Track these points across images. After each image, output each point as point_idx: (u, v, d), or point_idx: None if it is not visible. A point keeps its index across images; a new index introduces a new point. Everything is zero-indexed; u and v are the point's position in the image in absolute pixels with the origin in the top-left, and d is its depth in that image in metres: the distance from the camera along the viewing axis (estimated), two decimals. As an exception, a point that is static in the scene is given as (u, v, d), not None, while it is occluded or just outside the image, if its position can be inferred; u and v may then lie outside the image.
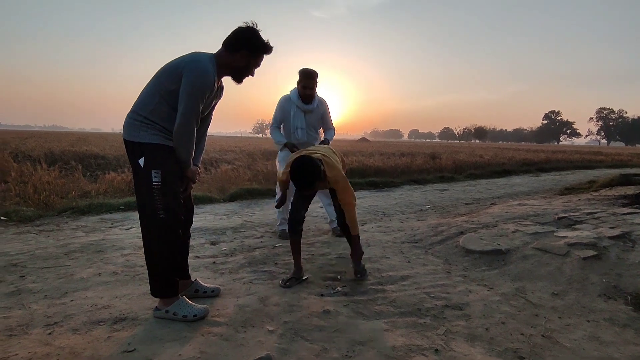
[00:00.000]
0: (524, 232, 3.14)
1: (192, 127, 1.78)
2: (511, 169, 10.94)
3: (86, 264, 2.68)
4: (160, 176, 1.76)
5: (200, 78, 1.73)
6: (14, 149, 9.83)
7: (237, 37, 1.84)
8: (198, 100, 1.75)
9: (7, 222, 3.85)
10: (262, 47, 1.88)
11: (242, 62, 1.87)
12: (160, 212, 1.77)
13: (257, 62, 1.91)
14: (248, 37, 1.84)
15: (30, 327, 1.77)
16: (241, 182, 6.75)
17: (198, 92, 1.74)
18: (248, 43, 1.84)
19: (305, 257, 3.01)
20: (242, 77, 1.94)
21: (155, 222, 1.78)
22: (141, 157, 1.75)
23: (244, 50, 1.84)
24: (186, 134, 1.78)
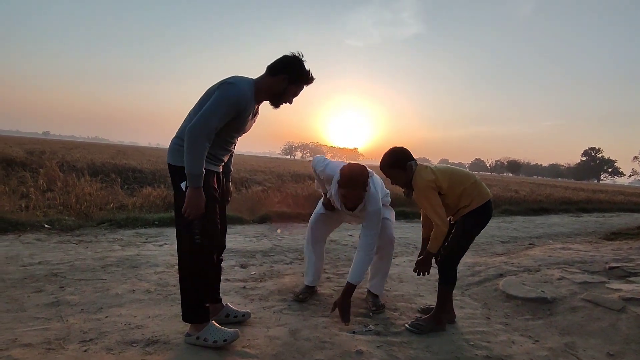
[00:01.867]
0: (571, 280, 2.92)
1: (205, 131, 1.68)
2: (549, 207, 10.42)
3: (121, 279, 2.73)
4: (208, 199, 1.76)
5: (231, 92, 1.72)
6: (60, 159, 10.44)
7: (280, 62, 1.86)
8: (221, 109, 1.70)
9: (50, 231, 4.03)
10: (302, 75, 1.87)
11: (281, 87, 1.86)
12: (197, 237, 1.77)
13: (296, 90, 1.90)
14: (290, 63, 1.86)
15: (67, 342, 1.79)
16: (271, 204, 6.79)
17: (224, 103, 1.70)
18: (289, 69, 1.85)
19: (335, 289, 2.93)
20: (279, 102, 1.92)
21: (191, 246, 1.79)
22: (183, 181, 1.77)
23: (284, 75, 1.84)
24: (194, 138, 1.66)
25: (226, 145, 1.92)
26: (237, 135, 1.95)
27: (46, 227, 4.11)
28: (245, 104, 1.77)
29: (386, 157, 2.23)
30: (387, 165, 2.22)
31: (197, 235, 1.77)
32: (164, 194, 6.40)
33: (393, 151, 2.24)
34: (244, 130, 1.94)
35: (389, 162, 2.21)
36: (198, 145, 1.67)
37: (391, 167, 2.22)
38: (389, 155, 2.22)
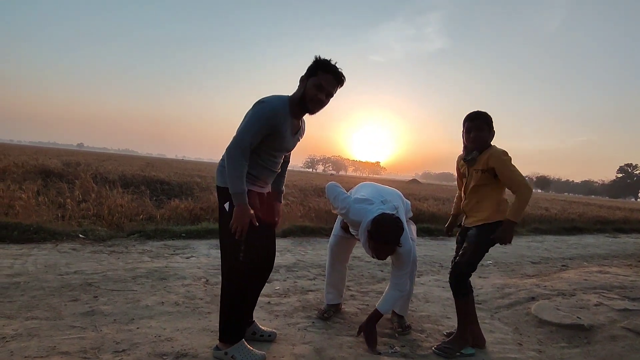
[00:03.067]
0: (609, 306, 2.77)
1: (239, 149, 1.71)
2: (583, 226, 9.95)
3: (151, 291, 2.81)
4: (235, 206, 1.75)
5: (262, 109, 1.75)
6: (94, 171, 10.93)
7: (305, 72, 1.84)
8: (254, 127, 1.72)
9: (85, 240, 4.21)
10: (318, 66, 1.79)
11: (301, 89, 1.83)
12: (241, 256, 1.79)
13: (316, 82, 1.78)
14: (310, 66, 1.82)
15: (101, 352, 1.85)
16: (294, 218, 6.83)
17: (256, 120, 1.73)
18: (310, 69, 1.81)
19: (359, 308, 2.90)
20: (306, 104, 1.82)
21: (235, 266, 1.81)
22: (227, 202, 1.79)
23: (302, 76, 1.84)
24: (230, 157, 1.72)
25: (269, 166, 1.91)
26: (279, 153, 1.94)
27: (81, 237, 4.29)
28: (278, 119, 1.77)
29: (486, 113, 2.18)
30: (486, 119, 2.15)
31: (240, 254, 1.79)
32: (191, 206, 6.57)
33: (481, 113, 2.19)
34: (285, 148, 1.93)
35: (489, 118, 2.16)
36: (234, 163, 1.71)
37: (487, 123, 2.15)
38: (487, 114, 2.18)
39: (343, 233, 2.62)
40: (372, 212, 2.16)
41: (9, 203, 5.11)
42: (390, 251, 2.13)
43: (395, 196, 2.47)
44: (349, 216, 2.30)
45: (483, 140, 2.16)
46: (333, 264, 2.69)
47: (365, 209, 2.21)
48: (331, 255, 2.69)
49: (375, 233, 2.06)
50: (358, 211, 2.23)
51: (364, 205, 2.24)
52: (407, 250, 2.20)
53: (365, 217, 2.17)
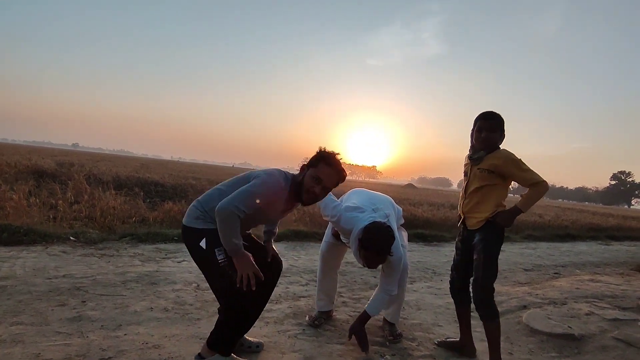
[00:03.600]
0: (600, 316, 2.78)
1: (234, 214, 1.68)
2: (576, 233, 10.00)
3: (140, 296, 2.78)
4: (224, 252, 1.73)
5: (270, 184, 1.78)
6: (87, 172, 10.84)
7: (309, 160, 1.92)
8: (253, 197, 1.72)
9: (75, 243, 4.16)
10: (319, 159, 1.86)
11: (300, 175, 1.90)
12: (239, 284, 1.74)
13: (313, 172, 1.84)
14: (314, 156, 1.90)
15: (86, 359, 1.82)
16: (288, 222, 6.81)
17: (260, 193, 1.73)
18: (313, 159, 1.89)
19: (351, 315, 2.88)
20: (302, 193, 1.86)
21: (236, 296, 1.75)
22: (202, 239, 1.77)
23: (306, 166, 1.90)
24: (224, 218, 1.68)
25: (247, 227, 1.95)
26: (262, 221, 2.03)
27: (72, 239, 4.24)
28: (278, 196, 1.83)
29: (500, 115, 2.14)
30: (500, 122, 2.12)
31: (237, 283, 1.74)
32: (184, 209, 6.52)
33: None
34: (271, 220, 2.06)
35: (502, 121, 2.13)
36: (230, 226, 1.69)
37: (500, 126, 2.12)
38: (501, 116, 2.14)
39: (334, 240, 2.61)
40: (364, 220, 2.15)
41: (0, 204, 5.05)
42: (382, 260, 2.12)
43: (387, 203, 2.46)
44: (340, 224, 2.28)
45: (493, 141, 2.11)
46: (324, 270, 2.68)
47: (356, 217, 2.20)
48: (322, 261, 2.68)
49: (367, 242, 2.04)
50: (349, 219, 2.21)
51: (355, 214, 2.22)
52: (398, 259, 2.19)
53: (357, 226, 2.15)
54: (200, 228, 1.78)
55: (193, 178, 13.76)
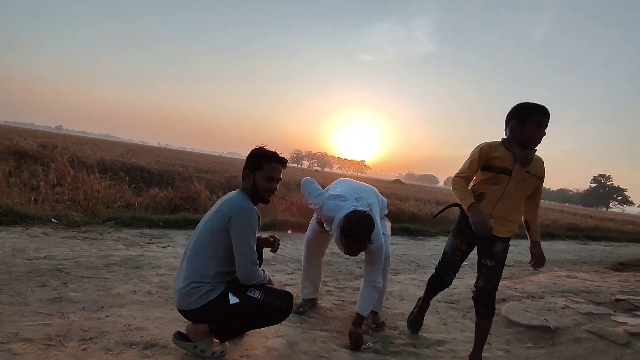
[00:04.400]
0: (575, 310, 2.88)
1: (254, 268, 1.80)
2: (556, 232, 10.27)
3: (123, 279, 2.75)
4: (256, 288, 1.81)
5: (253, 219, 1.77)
6: (71, 155, 10.59)
7: (247, 164, 1.89)
8: (252, 238, 1.77)
9: (57, 225, 4.08)
10: (258, 159, 1.86)
11: (250, 182, 1.87)
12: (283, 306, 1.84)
13: (262, 174, 1.85)
14: (247, 159, 1.89)
15: (67, 339, 1.80)
16: (275, 212, 6.80)
17: (252, 232, 1.77)
18: (247, 164, 1.88)
19: (335, 303, 2.92)
20: (259, 196, 1.88)
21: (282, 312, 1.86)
22: (228, 299, 1.75)
23: (246, 171, 1.88)
24: (251, 279, 1.79)
25: None
26: None
27: (53, 221, 4.16)
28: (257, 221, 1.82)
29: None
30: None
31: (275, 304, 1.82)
32: (170, 195, 6.45)
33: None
34: None
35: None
36: (255, 278, 1.81)
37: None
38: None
39: (319, 228, 2.63)
40: (345, 208, 2.18)
41: (-22, 183, 4.90)
42: (362, 248, 2.15)
43: (371, 193, 2.49)
44: (322, 212, 2.31)
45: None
46: (309, 257, 2.70)
47: (338, 205, 2.23)
48: (307, 249, 2.70)
49: (347, 229, 2.07)
50: (332, 207, 2.25)
51: (337, 202, 2.25)
52: (379, 247, 2.22)
53: (339, 214, 2.18)
54: (218, 295, 1.75)
55: (180, 165, 13.58)
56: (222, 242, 1.75)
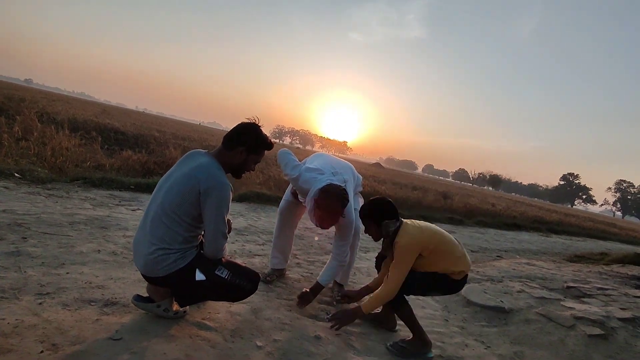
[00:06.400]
0: (529, 294, 3.04)
1: (222, 241, 1.77)
2: (522, 223, 10.73)
3: (88, 238, 2.68)
4: (223, 267, 1.77)
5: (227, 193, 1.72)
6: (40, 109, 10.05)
7: (236, 133, 1.82)
8: (225, 212, 1.73)
9: (20, 180, 3.90)
10: (260, 144, 1.83)
11: (239, 159, 1.81)
12: (247, 286, 1.83)
13: (256, 158, 1.86)
14: (246, 133, 1.81)
15: (22, 293, 1.75)
16: (252, 184, 6.75)
17: (225, 206, 1.72)
18: (245, 140, 1.80)
19: (303, 275, 2.96)
20: (240, 174, 1.87)
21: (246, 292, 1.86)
22: (194, 274, 1.70)
23: (241, 147, 1.79)
24: (219, 250, 1.77)
25: None
26: None
27: (16, 176, 3.97)
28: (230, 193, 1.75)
29: (365, 205, 2.12)
30: (366, 215, 2.11)
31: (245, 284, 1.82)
32: (144, 159, 6.27)
33: (373, 203, 2.12)
34: None
35: (366, 213, 2.11)
36: (223, 252, 1.80)
37: (364, 217, 2.13)
38: (366, 205, 2.12)
39: (293, 199, 2.63)
40: (321, 181, 2.19)
41: None
42: (334, 221, 2.17)
43: (347, 169, 2.50)
44: (298, 183, 2.31)
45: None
46: (281, 227, 2.71)
47: (315, 178, 2.23)
48: (280, 219, 2.70)
49: (321, 202, 2.08)
50: (308, 179, 2.25)
51: (314, 175, 2.25)
52: (350, 222, 2.25)
53: (314, 186, 2.18)
54: (185, 265, 1.69)
55: (157, 130, 13.18)
56: (190, 210, 1.69)
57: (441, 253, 2.03)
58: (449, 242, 2.08)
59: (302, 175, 2.27)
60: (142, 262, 1.70)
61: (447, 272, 2.04)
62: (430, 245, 2.00)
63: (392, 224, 2.06)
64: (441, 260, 2.03)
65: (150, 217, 1.72)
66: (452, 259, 2.04)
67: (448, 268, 2.04)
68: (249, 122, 1.83)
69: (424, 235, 2.01)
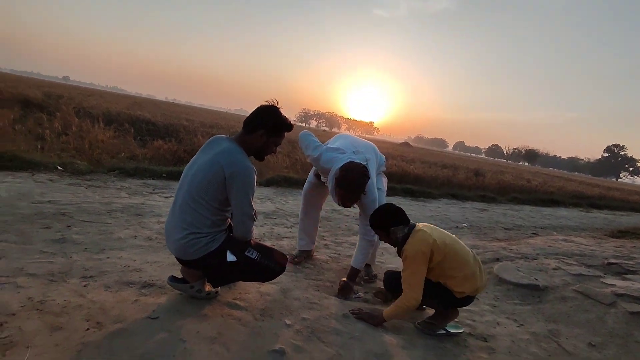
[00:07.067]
0: (566, 271, 2.92)
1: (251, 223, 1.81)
2: (560, 199, 10.25)
3: (124, 225, 2.83)
4: (254, 248, 1.83)
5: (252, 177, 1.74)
6: (77, 105, 10.54)
7: (255, 117, 1.82)
8: (251, 194, 1.76)
9: (62, 173, 4.14)
10: (280, 126, 1.84)
11: (259, 142, 1.82)
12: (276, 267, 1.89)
13: (276, 140, 1.86)
14: (265, 116, 1.81)
15: (68, 276, 1.89)
16: (279, 168, 6.83)
17: (251, 189, 1.75)
18: (264, 123, 1.81)
19: (331, 256, 2.99)
20: (262, 157, 1.89)
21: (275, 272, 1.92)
22: (226, 256, 1.77)
23: (261, 131, 1.80)
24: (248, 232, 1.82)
25: None
26: None
27: (59, 169, 4.22)
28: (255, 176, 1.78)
29: (373, 215, 2.05)
30: (372, 224, 2.05)
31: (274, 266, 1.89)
32: (175, 148, 6.48)
33: (376, 211, 2.05)
34: None
35: (372, 222, 2.04)
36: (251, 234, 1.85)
37: (372, 227, 2.06)
38: (373, 216, 2.04)
39: (316, 180, 2.65)
40: (342, 160, 2.19)
41: (-17, 129, 4.94)
42: (355, 198, 2.16)
43: (369, 148, 2.48)
44: (320, 164, 2.32)
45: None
46: (306, 209, 2.74)
47: (335, 157, 2.24)
48: (304, 201, 2.74)
49: (341, 179, 2.08)
50: (329, 159, 2.26)
51: (335, 154, 2.26)
52: (372, 200, 2.24)
53: (335, 165, 2.19)
54: (216, 248, 1.76)
55: (186, 119, 13.51)
56: (216, 195, 1.73)
57: (447, 269, 1.90)
58: (461, 258, 1.92)
59: (323, 155, 2.29)
60: (175, 246, 1.78)
61: (448, 288, 1.93)
62: (437, 257, 1.88)
63: (400, 230, 1.96)
64: (444, 275, 1.91)
65: (178, 203, 1.79)
66: (458, 278, 1.90)
67: (448, 284, 1.92)
68: (268, 105, 1.84)
69: (434, 245, 1.87)
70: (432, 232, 1.93)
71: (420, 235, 1.91)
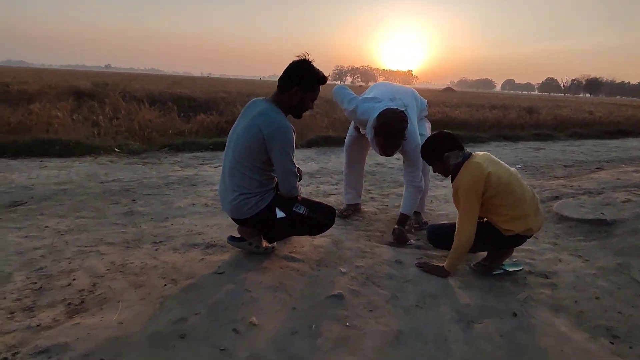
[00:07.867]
0: (638, 203, 2.70)
1: (294, 179, 1.85)
2: (628, 129, 9.27)
3: (182, 195, 3.03)
4: (300, 204, 1.90)
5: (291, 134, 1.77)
6: (122, 90, 11.08)
7: (288, 74, 1.79)
8: (292, 153, 1.80)
9: (120, 154, 4.47)
10: (315, 80, 1.81)
11: (296, 99, 1.81)
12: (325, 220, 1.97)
13: (313, 95, 1.85)
14: (299, 72, 1.78)
15: (141, 243, 2.09)
16: (318, 129, 6.81)
17: (291, 148, 1.78)
18: (299, 79, 1.78)
19: (379, 208, 3.01)
20: (300, 113, 1.89)
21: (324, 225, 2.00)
22: (275, 212, 1.84)
23: (296, 87, 1.78)
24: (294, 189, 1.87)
25: None
26: None
27: (116, 150, 4.55)
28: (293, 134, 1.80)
29: (426, 142, 1.95)
30: (424, 153, 1.95)
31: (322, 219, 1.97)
32: (217, 120, 6.67)
33: (427, 140, 1.94)
34: None
35: (424, 150, 1.94)
36: (296, 190, 1.89)
37: (425, 158, 1.97)
38: (425, 143, 1.94)
39: (356, 133, 2.62)
40: (379, 109, 2.13)
41: (48, 121, 5.39)
42: (396, 145, 2.12)
43: (408, 94, 2.37)
44: (357, 116, 2.29)
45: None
46: (349, 164, 2.74)
47: (372, 107, 2.18)
48: (347, 155, 2.74)
49: (379, 127, 2.04)
50: (365, 110, 2.22)
51: (371, 104, 2.21)
52: (415, 146, 2.18)
53: (372, 115, 2.14)
54: (266, 206, 1.83)
55: (223, 91, 13.72)
56: (259, 157, 1.79)
57: (497, 205, 1.78)
58: (515, 197, 1.77)
59: (359, 107, 2.25)
60: (229, 208, 1.89)
61: (496, 225, 1.83)
62: (490, 192, 1.75)
63: (453, 157, 1.83)
64: (492, 211, 1.81)
65: (227, 169, 1.88)
66: (507, 216, 1.77)
67: (494, 220, 1.82)
68: (300, 60, 1.80)
69: (488, 179, 1.73)
70: (488, 165, 1.78)
71: (473, 167, 1.77)
